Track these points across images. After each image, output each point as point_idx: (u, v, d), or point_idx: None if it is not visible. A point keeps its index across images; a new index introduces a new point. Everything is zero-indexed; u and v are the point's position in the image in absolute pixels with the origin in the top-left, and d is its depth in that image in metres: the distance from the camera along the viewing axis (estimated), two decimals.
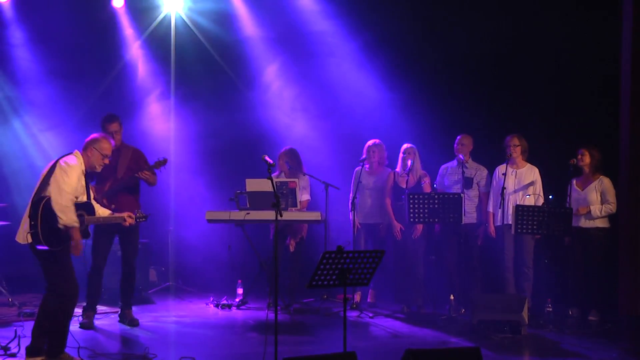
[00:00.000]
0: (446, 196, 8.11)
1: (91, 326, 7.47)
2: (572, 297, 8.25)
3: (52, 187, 5.94)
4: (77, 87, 9.75)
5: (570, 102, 9.26)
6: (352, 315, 8.16)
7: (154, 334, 7.39)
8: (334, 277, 5.39)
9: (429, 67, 9.70)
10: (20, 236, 6.01)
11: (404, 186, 8.37)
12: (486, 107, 9.50)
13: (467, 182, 8.45)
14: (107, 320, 7.87)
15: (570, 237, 8.11)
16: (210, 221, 8.44)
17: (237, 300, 8.74)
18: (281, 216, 5.95)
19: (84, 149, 6.28)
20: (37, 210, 5.86)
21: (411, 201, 8.03)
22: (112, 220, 6.52)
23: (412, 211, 8.04)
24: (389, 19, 9.71)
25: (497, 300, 7.63)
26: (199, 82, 10.24)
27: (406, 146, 8.62)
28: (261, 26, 10.08)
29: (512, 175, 8.32)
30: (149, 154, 7.89)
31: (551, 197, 8.61)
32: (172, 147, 10.17)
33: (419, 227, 8.45)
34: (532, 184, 8.32)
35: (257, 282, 8.95)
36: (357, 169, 8.85)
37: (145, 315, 8.12)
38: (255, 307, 8.65)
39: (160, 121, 10.28)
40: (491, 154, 8.79)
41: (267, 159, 6.11)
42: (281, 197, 7.99)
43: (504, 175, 8.14)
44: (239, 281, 8.88)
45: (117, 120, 7.71)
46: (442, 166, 8.79)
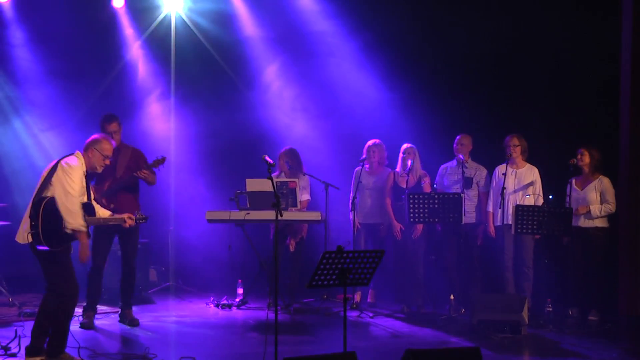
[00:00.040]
0: (446, 196, 8.11)
1: (91, 326, 7.47)
2: (572, 297, 8.25)
3: (57, 191, 5.92)
4: (77, 87, 9.75)
5: (570, 102, 9.26)
6: (352, 315, 8.16)
7: (154, 334, 7.39)
8: (334, 277, 5.39)
9: (429, 67, 9.71)
10: (20, 236, 6.00)
11: (404, 186, 8.37)
12: (486, 107, 9.50)
13: (467, 182, 8.45)
14: (107, 320, 7.88)
15: (569, 237, 8.11)
16: (210, 221, 8.44)
17: (237, 300, 8.74)
18: (281, 216, 5.95)
19: (85, 149, 6.28)
20: (37, 210, 5.86)
21: (411, 201, 8.03)
22: (113, 221, 6.51)
23: (412, 211, 8.04)
24: (389, 19, 9.71)
25: (497, 300, 7.62)
26: (199, 82, 10.24)
27: (406, 146, 8.62)
28: (261, 26, 10.08)
29: (512, 175, 8.32)
30: (149, 154, 7.89)
31: (551, 197, 8.61)
32: (172, 147, 10.17)
33: (419, 227, 8.44)
34: (531, 184, 8.32)
35: (257, 282, 8.95)
36: (357, 169, 8.85)
37: (145, 315, 8.12)
38: (255, 307, 8.66)
39: (160, 121, 10.28)
40: (491, 154, 8.79)
41: (267, 159, 6.10)
42: (281, 197, 7.99)
43: (504, 175, 8.14)
44: (239, 281, 8.88)
45: (116, 120, 7.72)
46: (442, 166, 8.79)
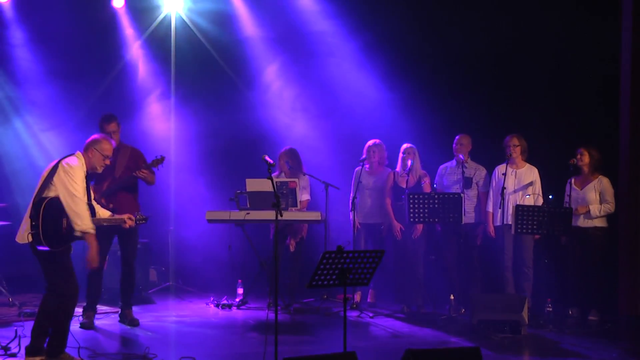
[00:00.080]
0: (446, 196, 8.10)
1: (91, 326, 7.47)
2: (572, 297, 8.24)
3: (62, 194, 5.91)
4: (77, 87, 9.74)
5: (570, 102, 9.26)
6: (352, 315, 8.16)
7: (154, 334, 7.39)
8: (334, 277, 5.39)
9: (429, 67, 9.71)
10: (20, 236, 5.99)
11: (404, 186, 8.37)
12: (486, 107, 9.50)
13: (467, 182, 8.44)
14: (107, 320, 7.88)
15: (567, 236, 8.11)
16: (210, 221, 8.44)
17: (237, 300, 8.74)
18: (281, 216, 5.95)
19: (85, 150, 6.27)
20: (38, 210, 5.85)
21: (411, 201, 8.03)
22: (113, 222, 6.51)
23: (412, 211, 8.04)
24: (389, 19, 9.71)
25: (497, 300, 7.62)
26: (199, 82, 10.24)
27: (406, 146, 8.62)
28: (261, 26, 10.08)
29: (512, 175, 8.32)
30: (149, 154, 7.88)
31: (551, 197, 8.61)
32: (172, 147, 10.17)
33: (419, 227, 8.44)
34: (531, 184, 8.32)
35: (257, 282, 8.95)
36: (357, 169, 8.85)
37: (145, 315, 8.12)
38: (255, 307, 8.66)
39: (160, 121, 10.28)
40: (491, 154, 8.79)
41: (267, 159, 6.10)
42: (281, 197, 7.99)
43: (504, 175, 8.14)
44: (239, 281, 8.88)
45: (115, 120, 7.71)
46: (441, 166, 8.79)
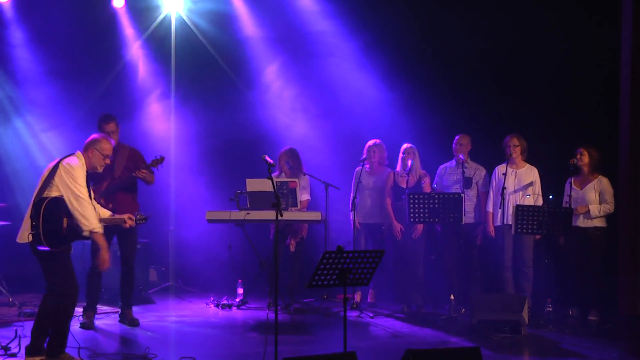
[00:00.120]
0: (446, 196, 8.10)
1: (91, 326, 7.47)
2: (572, 297, 8.24)
3: (66, 195, 5.90)
4: (77, 87, 9.75)
5: (570, 102, 9.26)
6: (352, 315, 8.16)
7: (154, 334, 7.39)
8: (334, 277, 5.39)
9: (429, 67, 9.70)
10: (21, 236, 5.99)
11: (404, 186, 8.37)
12: (486, 107, 9.50)
13: (467, 182, 8.44)
14: (107, 320, 7.88)
15: (565, 237, 8.11)
16: (210, 221, 8.44)
17: (238, 300, 8.74)
18: (281, 216, 5.95)
19: (85, 149, 6.26)
20: (38, 210, 5.84)
21: (411, 201, 8.03)
22: (113, 222, 6.51)
23: (412, 211, 8.04)
24: (389, 19, 9.71)
25: (497, 300, 7.62)
26: (199, 82, 10.24)
27: (406, 146, 8.62)
28: (261, 26, 10.08)
29: (512, 175, 8.31)
30: (149, 154, 7.87)
31: (551, 197, 8.61)
32: (172, 147, 10.17)
33: (419, 227, 8.44)
34: (531, 184, 8.32)
35: (257, 282, 8.95)
36: (357, 169, 8.85)
37: (145, 315, 8.13)
38: (255, 307, 8.66)
39: (160, 121, 10.27)
40: (490, 154, 8.79)
41: (267, 159, 6.10)
42: (281, 197, 7.99)
43: (504, 175, 8.14)
44: (239, 281, 8.88)
45: (114, 120, 7.70)
46: (441, 166, 8.79)
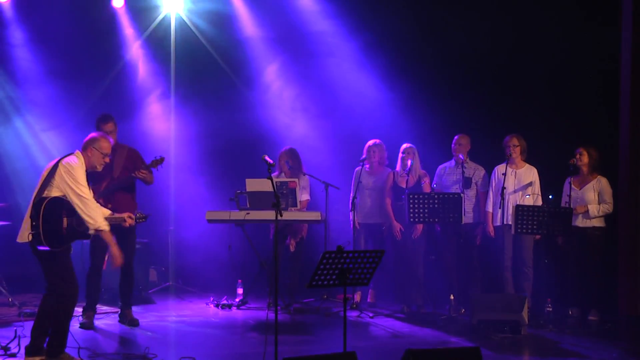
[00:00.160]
0: (446, 196, 8.10)
1: (91, 326, 7.47)
2: (572, 297, 8.24)
3: (69, 196, 5.90)
4: (77, 87, 9.75)
5: (570, 102, 9.26)
6: (352, 315, 8.16)
7: (154, 334, 7.39)
8: (334, 277, 5.39)
9: (429, 67, 9.70)
10: (21, 236, 5.98)
11: (404, 186, 8.37)
12: (486, 107, 9.50)
13: (467, 182, 8.44)
14: (107, 320, 7.87)
15: (564, 237, 8.11)
16: (210, 221, 8.44)
17: (237, 300, 8.74)
18: (281, 216, 5.95)
19: (84, 149, 6.24)
20: (38, 210, 5.84)
21: (411, 201, 8.03)
22: (113, 221, 6.48)
23: (412, 211, 8.04)
24: (389, 19, 9.71)
25: (497, 300, 7.62)
26: (199, 82, 10.24)
27: (405, 146, 8.62)
28: (261, 26, 10.07)
29: (512, 175, 8.31)
30: (149, 154, 7.87)
31: (551, 197, 8.61)
32: (172, 147, 10.17)
33: (419, 227, 8.44)
34: (531, 184, 8.32)
35: (257, 282, 8.94)
36: (357, 169, 8.85)
37: (145, 315, 8.13)
38: (255, 307, 8.66)
39: (160, 121, 10.27)
40: (490, 154, 8.79)
41: (267, 159, 6.10)
42: (281, 197, 7.99)
43: (504, 175, 8.14)
44: (239, 281, 8.88)
45: (112, 120, 7.70)
46: (440, 166, 8.79)
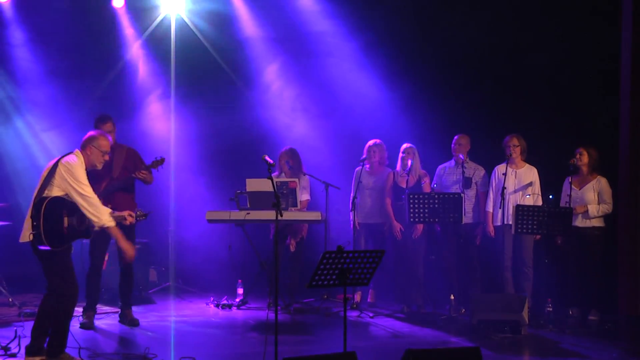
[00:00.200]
0: (446, 196, 8.10)
1: (91, 326, 7.47)
2: (572, 297, 8.24)
3: (72, 196, 5.91)
4: (77, 87, 9.76)
5: (569, 102, 9.26)
6: (352, 315, 8.16)
7: (154, 334, 7.39)
8: (334, 277, 5.39)
9: (429, 67, 9.70)
10: (22, 236, 5.98)
11: (404, 186, 8.37)
12: (486, 107, 9.49)
13: (467, 182, 8.44)
14: (107, 320, 7.87)
15: (563, 237, 8.11)
16: (210, 221, 8.44)
17: (238, 300, 8.74)
18: (281, 216, 5.95)
19: (83, 147, 6.23)
20: (39, 210, 5.84)
21: (411, 201, 8.03)
22: (113, 219, 6.48)
23: (412, 211, 8.04)
24: (389, 19, 9.71)
25: (497, 300, 7.62)
26: (199, 82, 10.23)
27: (405, 146, 8.61)
28: (261, 26, 10.07)
29: (512, 175, 8.31)
30: (149, 154, 7.87)
31: (551, 197, 8.61)
32: (172, 147, 10.16)
33: (420, 227, 8.44)
34: (531, 184, 8.32)
35: (257, 282, 8.94)
36: (357, 169, 8.85)
37: (145, 315, 8.12)
38: (255, 307, 8.65)
39: (160, 121, 10.27)
40: (490, 154, 8.79)
41: (267, 159, 6.10)
42: (281, 197, 7.99)
43: (504, 175, 8.14)
44: (239, 281, 8.88)
45: (111, 120, 7.69)
46: (440, 166, 8.79)
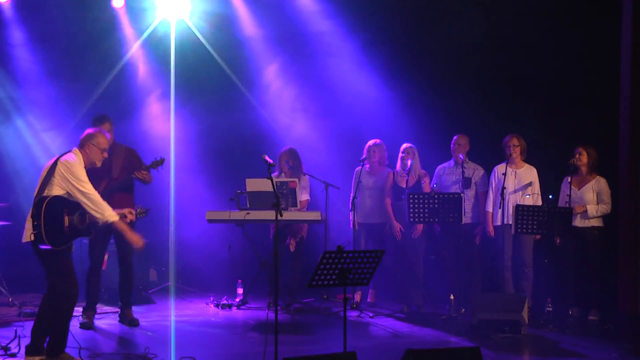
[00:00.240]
0: (446, 196, 8.10)
1: (91, 326, 7.48)
2: (572, 297, 8.24)
3: (74, 194, 5.92)
4: (77, 87, 9.75)
5: (569, 102, 9.25)
6: (352, 315, 8.16)
7: (154, 334, 7.39)
8: (334, 276, 5.40)
9: (429, 67, 9.70)
10: (25, 236, 5.98)
11: (404, 186, 8.37)
12: (486, 107, 9.49)
13: (466, 182, 8.44)
14: (107, 320, 7.88)
15: (561, 237, 8.11)
16: (210, 221, 8.44)
17: (238, 300, 8.74)
18: (281, 216, 5.95)
19: (81, 146, 6.23)
20: (39, 210, 5.84)
21: (411, 201, 8.03)
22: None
23: (412, 211, 8.04)
24: (389, 18, 9.71)
25: (497, 300, 7.62)
26: (199, 82, 10.23)
27: (405, 146, 8.62)
28: (261, 26, 10.07)
29: (512, 175, 8.31)
30: (149, 154, 7.87)
31: (551, 196, 8.61)
32: (172, 147, 10.15)
33: (419, 227, 8.44)
34: (531, 184, 8.32)
35: (257, 282, 8.95)
36: (357, 169, 8.84)
37: (145, 315, 8.13)
38: (255, 307, 8.66)
39: (160, 121, 10.26)
40: (490, 154, 8.79)
41: (267, 159, 6.11)
42: (281, 197, 7.99)
43: (504, 175, 8.14)
44: (239, 281, 8.88)
45: (108, 120, 7.69)
46: (439, 166, 8.79)
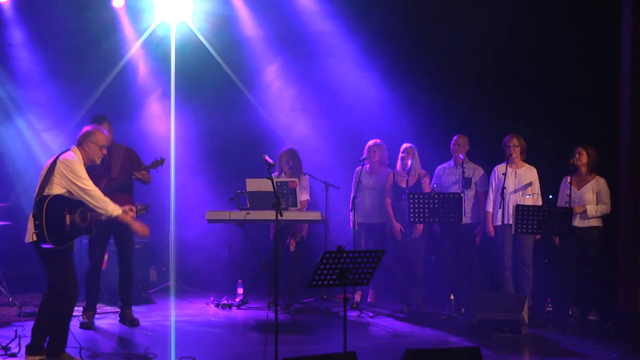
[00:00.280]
0: (446, 196, 8.10)
1: (91, 326, 7.48)
2: (572, 297, 8.25)
3: (75, 193, 5.92)
4: (77, 87, 9.75)
5: (569, 102, 9.26)
6: (352, 315, 8.16)
7: (154, 334, 7.39)
8: (334, 276, 5.40)
9: (429, 67, 9.70)
10: (27, 236, 5.98)
11: (404, 186, 8.37)
12: (486, 107, 9.49)
13: (466, 182, 8.44)
14: (107, 320, 7.88)
15: (560, 237, 8.11)
16: (210, 221, 8.44)
17: (238, 300, 8.74)
18: (281, 216, 5.95)
19: (80, 144, 6.23)
20: (41, 209, 5.84)
21: (411, 201, 8.03)
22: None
23: (412, 211, 8.04)
24: (389, 19, 9.71)
25: (497, 300, 7.62)
26: (199, 82, 10.23)
27: (405, 146, 8.62)
28: (261, 26, 10.07)
29: (512, 175, 8.32)
30: (149, 154, 7.87)
31: (551, 197, 8.61)
32: (172, 147, 10.15)
33: (420, 227, 8.44)
34: (531, 184, 8.32)
35: (257, 282, 8.95)
36: (357, 169, 8.84)
37: (145, 315, 8.13)
38: (255, 307, 8.66)
39: (160, 121, 10.25)
40: (490, 154, 8.79)
41: (267, 159, 6.11)
42: (281, 197, 7.99)
43: (504, 175, 8.14)
44: (239, 281, 8.88)
45: (107, 120, 7.68)
46: (439, 167, 8.79)
